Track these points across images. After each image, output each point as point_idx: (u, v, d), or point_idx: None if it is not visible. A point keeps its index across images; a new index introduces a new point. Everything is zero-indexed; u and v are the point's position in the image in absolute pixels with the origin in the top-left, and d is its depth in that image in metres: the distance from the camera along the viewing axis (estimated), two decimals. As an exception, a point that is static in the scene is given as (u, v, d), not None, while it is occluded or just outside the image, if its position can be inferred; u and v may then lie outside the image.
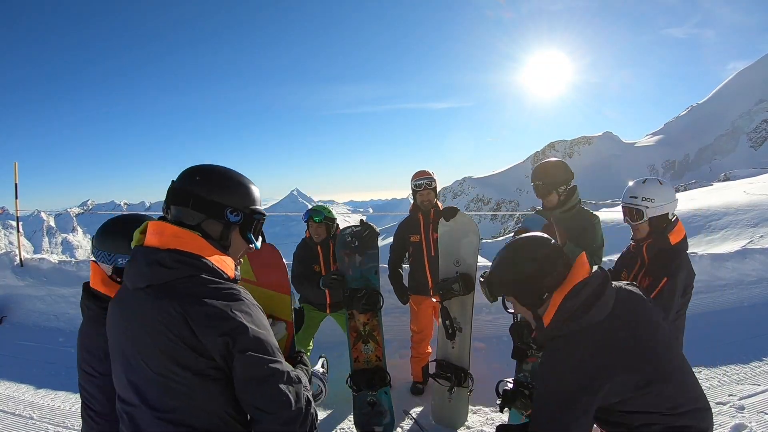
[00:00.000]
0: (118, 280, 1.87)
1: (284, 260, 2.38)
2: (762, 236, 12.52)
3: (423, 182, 4.34)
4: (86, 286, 1.95)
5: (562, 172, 3.55)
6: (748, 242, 12.07)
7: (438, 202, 4.47)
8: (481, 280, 2.06)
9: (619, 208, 3.00)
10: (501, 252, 1.96)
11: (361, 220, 4.28)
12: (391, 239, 4.68)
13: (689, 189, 33.89)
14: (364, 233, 4.14)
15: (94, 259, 1.93)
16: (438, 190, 4.36)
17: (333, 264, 4.41)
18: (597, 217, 3.59)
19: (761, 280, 6.57)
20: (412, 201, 4.54)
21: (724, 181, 33.28)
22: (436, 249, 4.16)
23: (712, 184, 29.87)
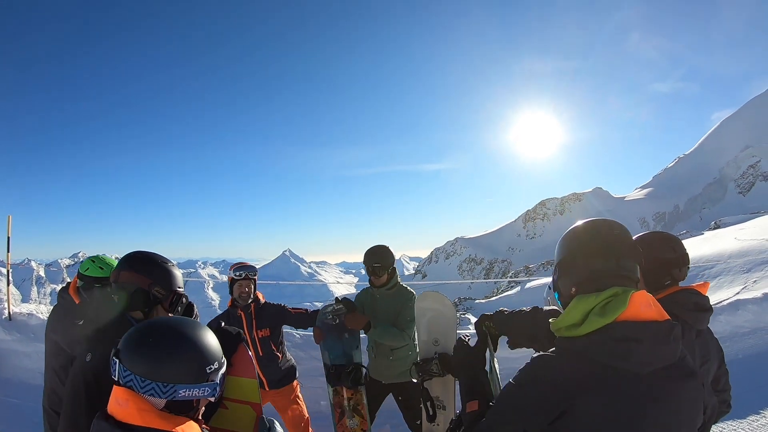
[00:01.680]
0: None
1: (245, 345, 2.36)
2: (756, 281, 12.55)
3: (244, 272, 4.01)
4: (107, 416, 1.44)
5: (391, 255, 4.12)
6: (743, 288, 12.09)
7: (260, 295, 4.17)
8: None
9: None
10: (648, 233, 2.38)
11: (337, 299, 4.21)
12: None
13: (681, 240, 34.10)
14: (345, 311, 4.10)
15: (121, 382, 1.44)
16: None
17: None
18: (413, 294, 4.08)
19: (755, 330, 6.57)
20: (212, 289, 4.14)
21: (714, 229, 33.51)
22: (265, 348, 4.03)
23: (703, 234, 30.07)
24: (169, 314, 2.28)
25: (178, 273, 2.35)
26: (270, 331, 4.05)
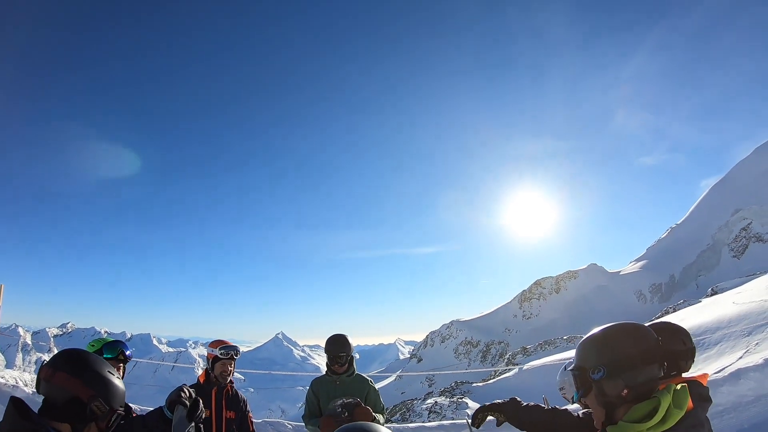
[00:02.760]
0: None
1: None
2: (758, 343, 12.37)
3: (230, 352, 4.07)
4: None
5: (350, 344, 4.37)
6: (744, 352, 11.92)
7: (237, 376, 4.41)
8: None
9: None
10: (661, 323, 2.60)
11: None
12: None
13: (678, 309, 33.97)
14: (354, 404, 4.10)
15: None
16: (426, 336, 4.27)
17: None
18: (371, 381, 4.41)
19: (759, 398, 6.44)
20: (202, 369, 4.26)
21: (711, 295, 33.35)
22: (229, 429, 4.06)
23: (700, 301, 29.95)
24: None
25: (123, 388, 1.95)
26: (235, 414, 4.15)
